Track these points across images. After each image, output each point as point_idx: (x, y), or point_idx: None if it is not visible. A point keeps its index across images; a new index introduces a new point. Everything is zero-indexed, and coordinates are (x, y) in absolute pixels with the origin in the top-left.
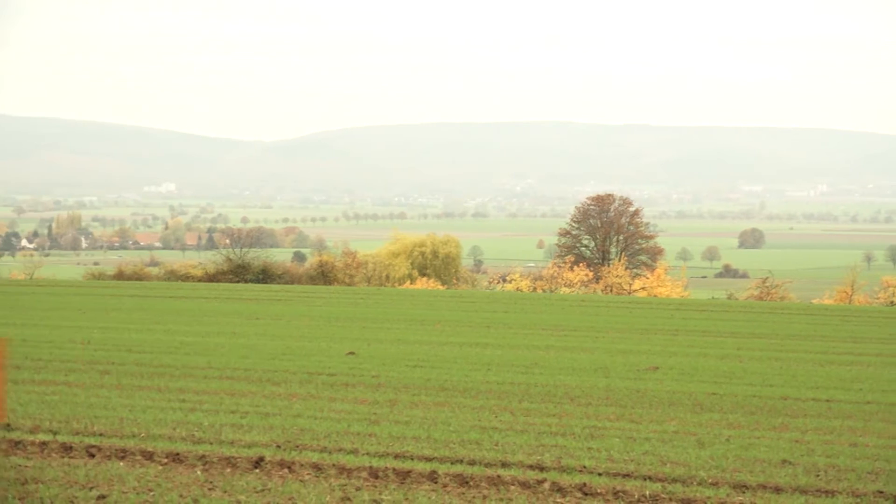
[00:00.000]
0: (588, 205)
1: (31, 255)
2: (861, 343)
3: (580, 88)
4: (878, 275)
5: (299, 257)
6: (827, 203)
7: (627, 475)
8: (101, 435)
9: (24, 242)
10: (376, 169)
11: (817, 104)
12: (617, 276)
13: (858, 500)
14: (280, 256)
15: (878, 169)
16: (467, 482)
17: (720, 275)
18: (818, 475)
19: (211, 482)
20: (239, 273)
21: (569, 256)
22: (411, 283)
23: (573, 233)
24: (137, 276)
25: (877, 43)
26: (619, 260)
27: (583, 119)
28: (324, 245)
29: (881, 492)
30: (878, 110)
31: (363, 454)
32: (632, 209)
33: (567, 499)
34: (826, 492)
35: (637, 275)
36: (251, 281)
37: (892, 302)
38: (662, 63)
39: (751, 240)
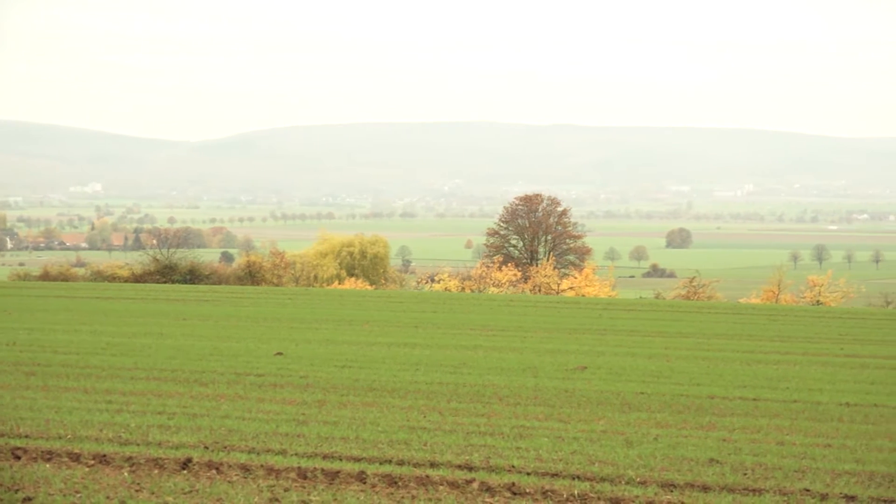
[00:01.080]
0: (516, 205)
1: None
2: (787, 342)
3: (508, 89)
4: (803, 274)
5: (227, 258)
6: (753, 203)
7: (556, 474)
8: (26, 437)
9: None
10: (304, 169)
11: (744, 105)
12: (545, 275)
13: (785, 498)
14: (207, 257)
15: (805, 169)
16: (396, 482)
17: (648, 274)
18: (745, 474)
19: (138, 483)
20: (166, 273)
21: (497, 256)
22: (339, 284)
23: (501, 233)
24: (63, 277)
25: (803, 44)
26: (548, 260)
27: (511, 119)
28: (251, 245)
29: (807, 490)
30: (803, 111)
31: (291, 455)
32: (560, 209)
33: (496, 498)
34: (753, 490)
35: (565, 274)
36: (178, 281)
37: (818, 301)
38: (590, 63)
39: (678, 239)
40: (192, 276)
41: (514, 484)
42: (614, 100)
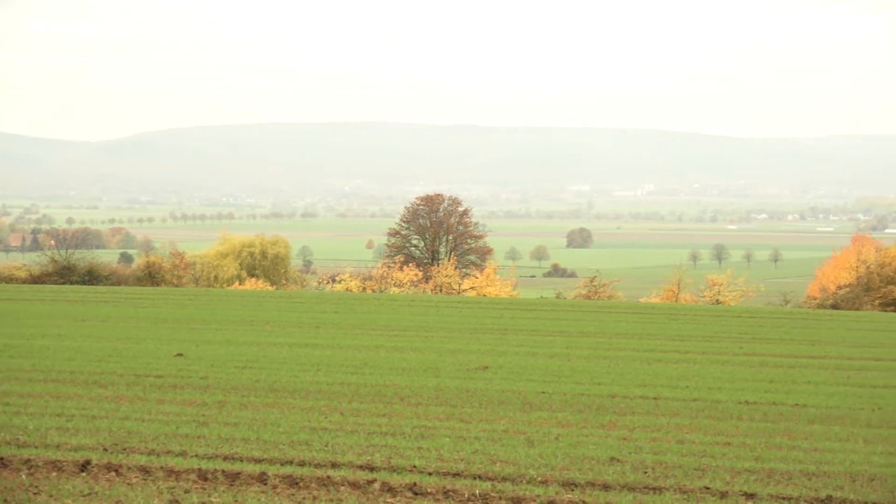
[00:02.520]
0: (417, 205)
1: None
2: (687, 341)
3: (409, 89)
4: (703, 273)
5: (126, 258)
6: (653, 203)
7: (457, 474)
8: None
9: None
10: (204, 169)
11: (644, 105)
12: (446, 275)
13: (685, 496)
14: (107, 257)
15: (704, 169)
16: (297, 483)
17: (549, 274)
18: (646, 472)
19: (36, 486)
20: (64, 274)
21: (398, 256)
22: (240, 284)
23: (402, 233)
24: None
25: (701, 44)
26: (449, 260)
27: (412, 119)
28: (151, 246)
29: (707, 488)
30: (704, 111)
31: (192, 456)
32: (461, 209)
33: (397, 498)
34: (654, 489)
35: (466, 274)
36: (77, 282)
37: (717, 300)
38: (492, 64)
39: (579, 239)
40: (91, 277)
41: (415, 484)
42: (515, 100)
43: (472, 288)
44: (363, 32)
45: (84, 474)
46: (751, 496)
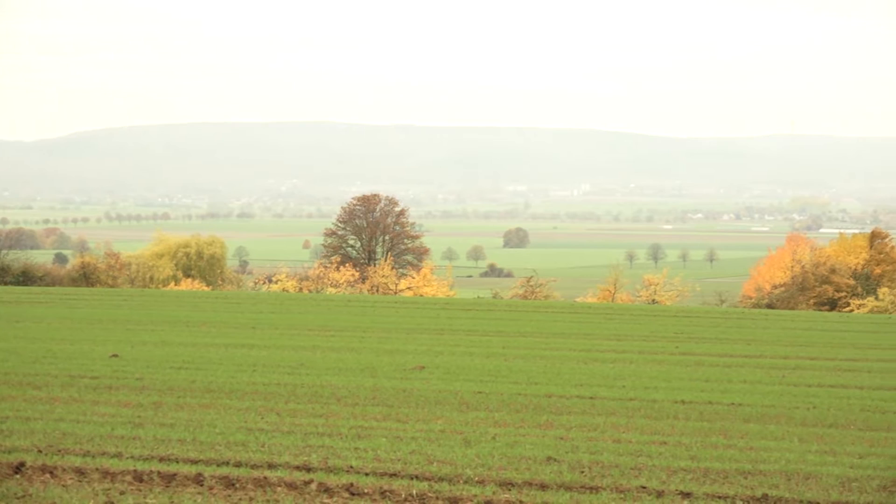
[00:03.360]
0: (354, 205)
1: None
2: (624, 340)
3: (346, 89)
4: (639, 273)
5: (61, 259)
6: (590, 203)
7: (394, 475)
8: None
9: None
10: (140, 169)
11: (580, 105)
12: (383, 275)
13: (622, 495)
14: (41, 258)
15: (640, 169)
16: (233, 484)
17: (485, 274)
18: (582, 471)
19: None
20: None
21: (335, 257)
22: (176, 285)
23: (339, 233)
24: None
25: (637, 45)
26: (386, 260)
27: (349, 119)
28: (86, 246)
29: (644, 487)
30: (638, 112)
31: (127, 458)
32: (397, 209)
33: (334, 499)
34: (590, 488)
35: (403, 274)
36: (11, 283)
37: (653, 300)
38: (429, 64)
39: (515, 239)
40: (25, 277)
41: (352, 484)
42: (452, 100)
43: (408, 288)
44: (299, 32)
45: (18, 476)
46: (687, 495)
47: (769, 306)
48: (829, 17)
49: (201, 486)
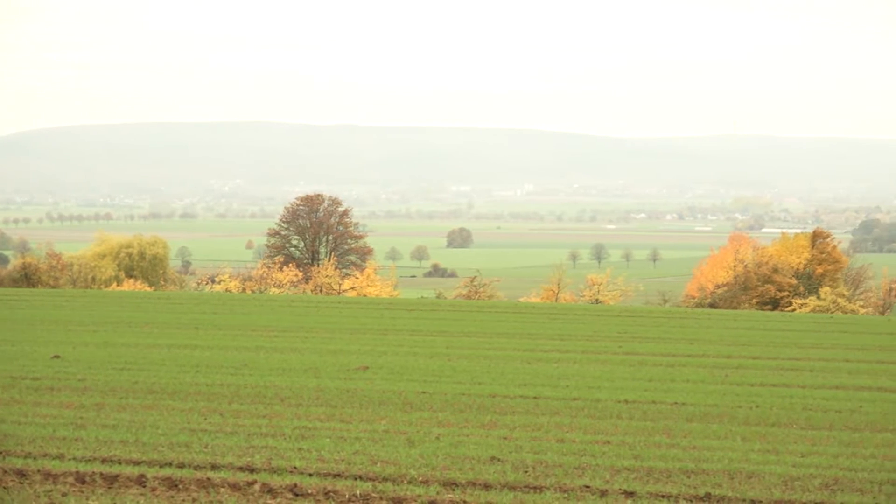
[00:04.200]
0: (297, 205)
1: None
2: (567, 340)
3: (289, 88)
4: (583, 273)
5: (2, 259)
6: (533, 203)
7: (338, 475)
8: None
9: None
10: (81, 169)
11: (523, 105)
12: (327, 276)
13: (566, 495)
14: None
15: (583, 169)
16: (176, 485)
17: (429, 274)
18: (526, 471)
19: None
20: None
21: (278, 257)
22: (118, 285)
23: (282, 233)
24: None
25: (580, 46)
26: (329, 260)
27: (292, 119)
28: (27, 247)
29: (587, 486)
30: (582, 112)
31: (69, 459)
32: (341, 209)
33: (278, 500)
34: (534, 488)
35: (347, 275)
36: None
37: (596, 300)
38: (372, 63)
39: (459, 239)
40: None
41: (296, 485)
42: (396, 100)
43: (352, 288)
44: (241, 31)
45: None
46: (630, 494)
47: (712, 306)
48: (770, 18)
49: (144, 487)
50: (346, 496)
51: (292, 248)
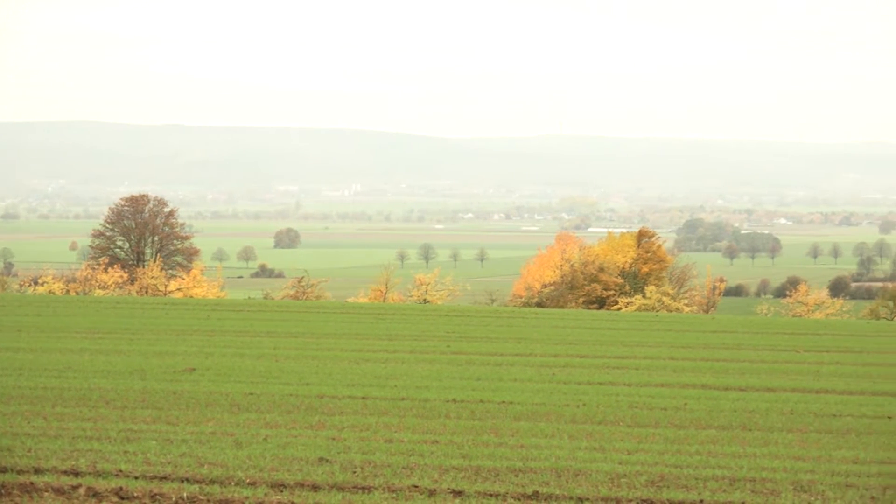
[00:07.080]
0: (122, 206)
1: None
2: (395, 340)
3: (114, 87)
4: (411, 273)
5: None
6: (361, 203)
7: (165, 478)
8: None
9: None
10: None
11: (350, 105)
12: (152, 277)
13: (394, 494)
14: None
15: (411, 169)
16: None
17: (256, 275)
18: (355, 472)
19: None
20: None
21: (103, 258)
22: None
23: (107, 234)
24: None
25: (408, 46)
26: (155, 261)
27: (117, 118)
28: None
29: (416, 486)
30: (409, 112)
31: None
32: (167, 210)
33: (103, 503)
34: (363, 488)
35: (173, 276)
36: None
37: (424, 300)
38: (200, 63)
39: (286, 240)
40: None
41: (121, 488)
42: (222, 100)
43: (178, 289)
44: (66, 28)
45: None
46: (459, 493)
47: (539, 305)
48: (597, 18)
49: None
50: (173, 499)
51: (117, 250)
